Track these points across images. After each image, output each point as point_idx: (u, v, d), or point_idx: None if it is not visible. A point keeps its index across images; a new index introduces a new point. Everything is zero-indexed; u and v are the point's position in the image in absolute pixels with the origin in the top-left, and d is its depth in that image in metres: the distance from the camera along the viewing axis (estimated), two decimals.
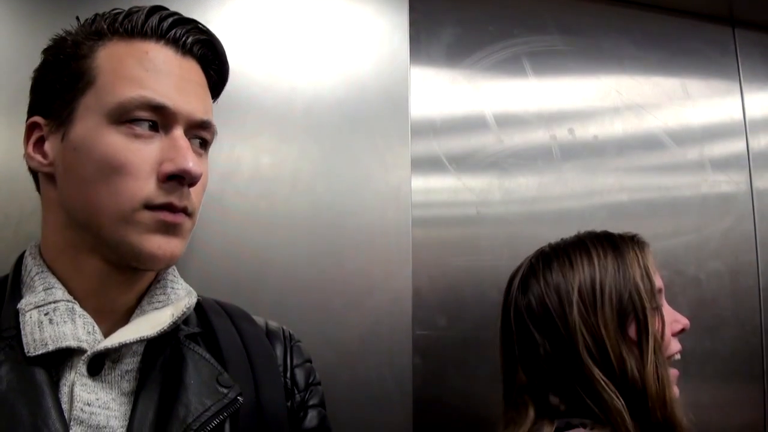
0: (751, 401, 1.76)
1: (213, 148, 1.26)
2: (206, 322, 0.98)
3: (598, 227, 1.66)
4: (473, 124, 1.61)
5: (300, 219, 1.36)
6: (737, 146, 1.93)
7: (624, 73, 1.80)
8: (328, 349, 1.33)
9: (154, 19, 0.89)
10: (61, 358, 0.82)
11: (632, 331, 1.14)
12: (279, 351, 1.05)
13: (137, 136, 0.84)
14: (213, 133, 0.94)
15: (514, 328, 1.23)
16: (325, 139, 1.40)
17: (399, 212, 1.43)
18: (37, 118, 0.89)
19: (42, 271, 0.87)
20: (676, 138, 1.82)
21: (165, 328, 0.87)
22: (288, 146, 1.38)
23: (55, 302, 0.84)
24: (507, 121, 1.64)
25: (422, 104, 1.55)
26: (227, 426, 0.87)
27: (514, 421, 1.18)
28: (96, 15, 0.91)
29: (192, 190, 0.88)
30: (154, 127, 0.85)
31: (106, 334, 0.86)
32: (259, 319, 1.09)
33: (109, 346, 0.82)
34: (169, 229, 0.85)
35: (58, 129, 0.87)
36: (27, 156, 0.90)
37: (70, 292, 0.86)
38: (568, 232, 1.63)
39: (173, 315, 0.89)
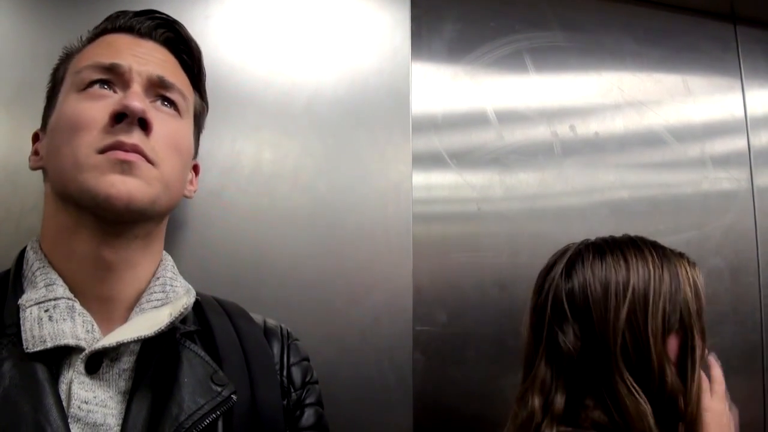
0: (751, 397, 1.77)
1: (213, 144, 1.27)
2: (204, 319, 0.99)
3: (600, 224, 1.68)
4: (474, 119, 1.61)
5: (301, 215, 1.36)
6: (738, 143, 1.93)
7: (625, 70, 1.79)
8: (328, 345, 1.33)
9: (115, 20, 1.00)
10: (59, 356, 0.82)
11: (672, 347, 1.13)
12: (276, 349, 1.06)
13: (92, 96, 0.91)
14: (180, 94, 0.99)
15: (549, 313, 1.19)
16: (327, 134, 1.40)
17: (400, 208, 1.43)
18: (37, 131, 1.01)
19: (43, 266, 0.89)
20: (677, 135, 1.82)
21: (162, 328, 0.87)
22: (289, 142, 1.37)
23: (55, 299, 0.85)
24: (508, 117, 1.64)
25: (423, 100, 1.54)
26: (220, 424, 0.88)
27: (520, 415, 1.18)
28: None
29: (153, 139, 0.91)
30: (111, 88, 0.92)
31: (104, 332, 0.86)
32: (257, 317, 1.10)
33: (107, 345, 0.83)
34: (124, 168, 0.87)
35: (44, 129, 0.97)
36: (29, 160, 0.99)
37: (71, 287, 0.87)
38: (569, 228, 1.65)
39: (171, 314, 0.89)
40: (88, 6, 1.01)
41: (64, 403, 0.80)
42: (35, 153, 0.98)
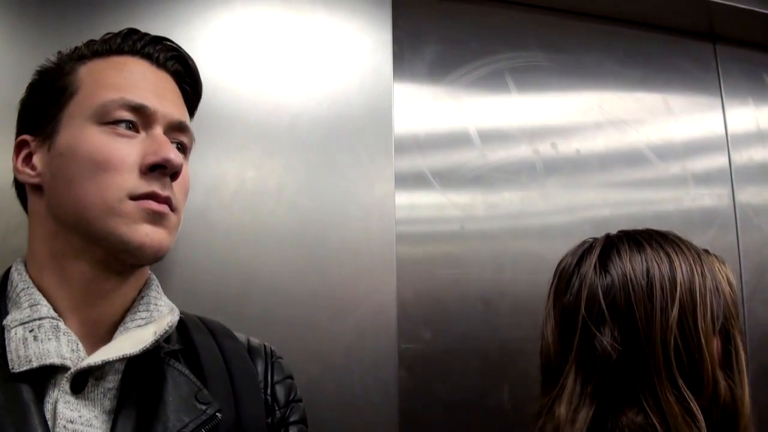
0: None
1: (197, 162, 1.28)
2: (187, 338, 0.99)
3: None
4: (457, 139, 1.63)
5: (285, 232, 1.37)
6: (719, 160, 1.95)
7: (606, 89, 1.82)
8: (313, 362, 1.33)
9: (129, 40, 0.97)
10: (45, 376, 0.82)
11: (717, 350, 1.03)
12: (260, 367, 1.06)
13: (119, 135, 0.89)
14: (191, 139, 1.00)
15: (582, 313, 1.05)
16: (310, 154, 1.41)
17: (383, 226, 1.44)
18: (25, 136, 0.94)
19: (27, 287, 0.88)
20: (658, 153, 1.84)
21: (147, 346, 0.87)
22: (273, 161, 1.39)
23: (40, 319, 0.84)
24: (490, 136, 1.66)
25: (406, 120, 1.56)
26: None
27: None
28: (76, 47, 0.99)
29: (175, 186, 0.92)
30: (135, 128, 0.90)
31: (89, 352, 0.86)
32: (241, 336, 1.10)
33: (92, 364, 0.83)
34: (156, 219, 0.88)
35: (44, 141, 0.91)
36: (16, 170, 0.94)
37: (56, 308, 0.87)
38: (552, 246, 1.66)
39: (156, 333, 0.89)
40: (75, 24, 1.01)
41: (50, 423, 0.79)
42: (29, 165, 0.93)
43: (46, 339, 0.83)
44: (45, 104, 0.93)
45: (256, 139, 1.38)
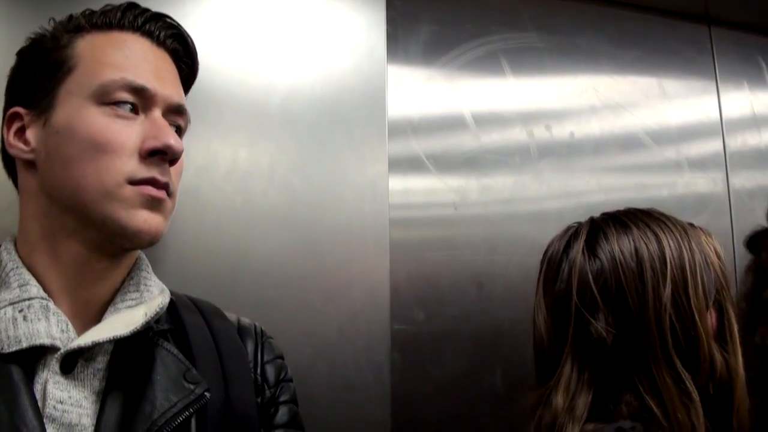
0: None
1: (189, 143, 1.26)
2: (177, 318, 0.99)
3: None
4: (451, 121, 1.62)
5: (277, 213, 1.37)
6: (714, 145, 1.95)
7: (601, 71, 1.81)
8: (305, 344, 1.33)
9: (129, 14, 0.94)
10: (34, 356, 0.82)
11: (711, 325, 1.02)
12: (250, 347, 1.06)
13: (119, 117, 0.87)
14: (187, 121, 0.99)
15: (575, 301, 1.04)
16: (302, 134, 1.41)
17: (376, 208, 1.44)
18: (17, 109, 0.91)
19: (17, 267, 0.88)
20: (653, 136, 1.84)
21: (137, 327, 0.87)
22: (265, 141, 1.38)
23: (29, 299, 0.84)
24: (484, 119, 1.65)
25: (400, 101, 1.55)
26: (194, 422, 0.88)
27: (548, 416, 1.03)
28: (71, 15, 0.95)
29: (171, 170, 0.92)
30: (134, 110, 0.89)
31: (79, 332, 0.86)
32: (232, 316, 1.10)
33: (82, 345, 0.83)
34: (153, 204, 0.88)
35: (39, 116, 0.89)
36: (8, 144, 0.91)
37: (46, 288, 0.87)
38: (546, 229, 1.64)
39: (146, 314, 0.89)
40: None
41: (40, 403, 0.79)
42: (21, 140, 0.90)
43: (36, 319, 0.82)
44: (40, 77, 0.90)
45: (248, 119, 1.37)
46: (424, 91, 1.60)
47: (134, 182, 0.86)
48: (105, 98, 0.87)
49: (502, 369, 1.56)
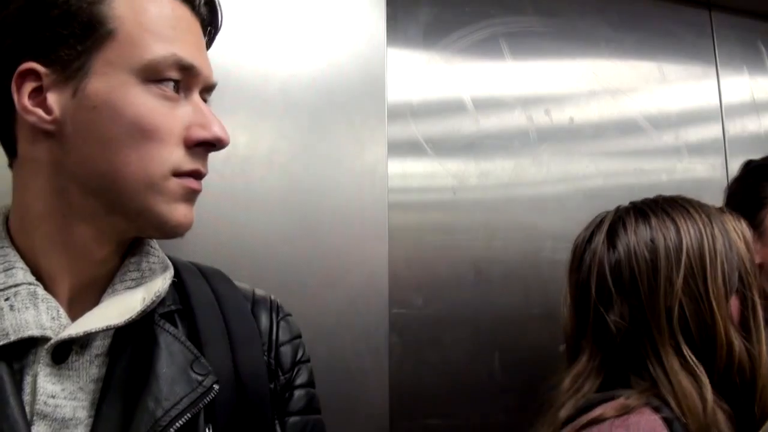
0: None
1: None
2: (183, 293, 0.92)
3: (575, 210, 1.69)
4: (450, 105, 1.62)
5: (276, 197, 1.36)
6: (713, 130, 1.95)
7: (600, 56, 1.81)
8: (304, 328, 1.31)
9: None
10: (24, 348, 0.76)
11: (734, 311, 1.03)
12: (264, 322, 0.98)
13: (167, 98, 0.79)
14: (210, 95, 0.91)
15: (594, 292, 1.07)
16: (302, 118, 1.40)
17: (375, 193, 1.44)
18: (33, 65, 0.77)
19: (2, 247, 0.81)
20: (652, 121, 1.84)
21: (133, 316, 0.80)
22: (264, 126, 1.37)
23: (16, 286, 0.77)
24: (484, 103, 1.64)
25: (399, 85, 1.55)
26: (201, 415, 0.82)
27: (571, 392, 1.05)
28: None
29: None
30: (177, 88, 0.81)
31: (78, 314, 0.80)
32: (246, 286, 1.03)
33: (74, 335, 0.76)
34: (191, 197, 0.83)
35: (66, 82, 0.77)
36: (21, 108, 0.77)
37: (41, 270, 0.80)
38: (544, 214, 1.66)
39: (144, 300, 0.82)
40: None
41: (29, 399, 0.74)
42: (41, 105, 0.77)
43: (24, 308, 0.76)
44: (68, 34, 0.76)
45: (247, 103, 1.37)
46: (423, 74, 1.59)
47: (179, 174, 0.80)
48: (153, 76, 0.78)
49: (499, 353, 1.57)
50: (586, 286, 1.09)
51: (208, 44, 0.93)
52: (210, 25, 0.91)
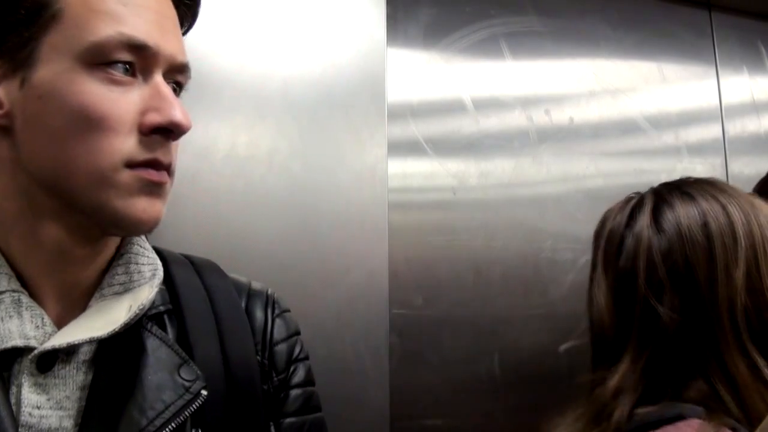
0: None
1: None
2: (174, 295, 0.88)
3: (575, 209, 1.69)
4: (450, 105, 1.62)
5: (276, 197, 1.36)
6: (713, 130, 1.95)
7: (600, 56, 1.81)
8: (304, 328, 1.31)
9: None
10: (9, 357, 0.73)
11: None
12: (258, 317, 0.94)
13: (116, 83, 0.72)
14: (188, 77, 0.83)
15: (642, 281, 0.95)
16: (302, 117, 1.40)
17: (375, 192, 1.44)
18: None
19: None
20: (652, 121, 1.84)
21: (116, 328, 0.76)
22: (264, 125, 1.37)
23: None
24: (484, 103, 1.64)
25: (399, 85, 1.55)
26: (189, 421, 0.79)
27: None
28: None
29: (172, 145, 0.78)
30: (131, 71, 0.74)
31: (65, 320, 0.77)
32: (242, 279, 0.99)
33: (57, 346, 0.73)
34: (153, 190, 0.75)
35: (14, 72, 0.73)
36: None
37: (23, 274, 0.77)
38: (544, 214, 1.66)
39: (130, 308, 0.78)
40: None
41: (15, 408, 0.71)
42: None
43: (7, 317, 0.73)
44: (15, 22, 0.72)
45: (247, 102, 1.36)
46: (423, 74, 1.59)
47: (132, 165, 0.73)
48: (98, 59, 0.71)
49: (499, 354, 1.57)
50: (631, 275, 0.97)
51: (191, 18, 0.88)
52: None
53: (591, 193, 1.72)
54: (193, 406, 0.78)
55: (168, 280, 0.88)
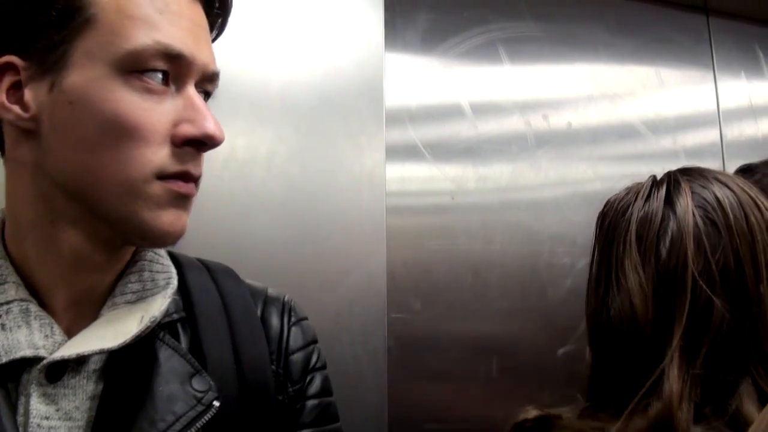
0: None
1: None
2: (188, 302, 0.86)
3: (573, 213, 1.70)
4: (448, 110, 1.62)
5: (274, 202, 1.37)
6: (711, 134, 1.96)
7: (598, 61, 1.81)
8: None
9: None
10: (17, 368, 0.71)
11: None
12: (274, 327, 0.92)
13: (151, 92, 0.71)
14: (216, 85, 0.83)
15: (693, 272, 0.84)
16: (300, 122, 1.41)
17: (374, 197, 1.44)
18: (12, 58, 0.71)
19: None
20: (650, 126, 1.84)
21: (127, 340, 0.74)
22: (263, 130, 1.38)
23: (7, 303, 0.73)
24: (482, 107, 1.65)
25: (397, 90, 1.55)
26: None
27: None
28: None
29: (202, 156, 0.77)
30: (165, 80, 0.72)
31: (72, 329, 0.75)
32: (259, 285, 0.97)
33: (66, 356, 0.71)
34: (181, 202, 0.74)
35: (43, 75, 0.71)
36: (0, 105, 0.72)
37: (35, 281, 0.76)
38: (542, 218, 1.66)
39: (142, 319, 0.76)
40: None
41: (22, 419, 0.70)
42: (18, 101, 0.71)
43: (16, 327, 0.71)
44: (46, 23, 0.70)
45: (246, 107, 1.37)
46: (421, 79, 1.60)
47: (164, 177, 0.72)
48: (134, 66, 0.70)
49: (497, 357, 1.57)
50: (680, 265, 0.86)
51: (220, 26, 0.87)
52: (216, 4, 0.83)
53: (589, 198, 1.73)
54: (205, 417, 0.76)
55: (182, 286, 0.86)
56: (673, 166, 1.80)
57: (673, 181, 0.93)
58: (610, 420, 0.86)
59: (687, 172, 0.94)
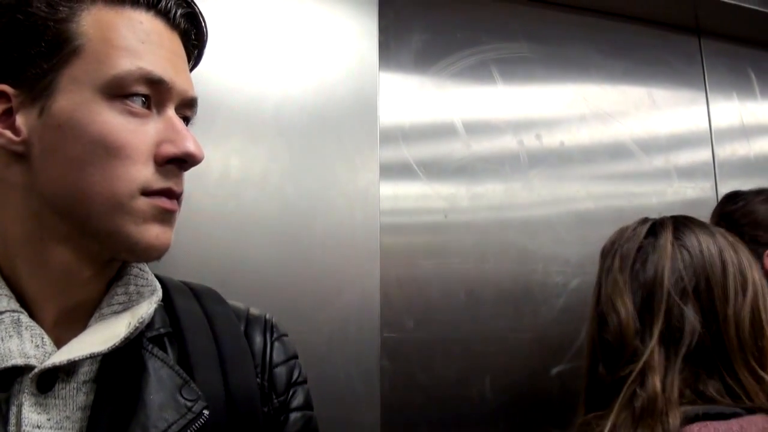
0: None
1: None
2: (174, 318, 0.89)
3: (565, 233, 1.70)
4: (442, 129, 1.63)
5: (268, 220, 1.37)
6: (703, 154, 1.97)
7: (591, 81, 1.83)
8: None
9: None
10: (9, 377, 0.74)
11: None
12: (258, 342, 0.96)
13: (134, 114, 0.76)
14: (195, 111, 0.88)
15: (667, 287, 1.08)
16: (294, 141, 1.41)
17: (367, 215, 1.44)
18: (3, 87, 0.76)
19: None
20: (642, 145, 1.86)
21: (116, 343, 0.77)
22: (257, 148, 1.38)
23: None
24: (475, 127, 1.66)
25: (391, 109, 1.56)
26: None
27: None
28: None
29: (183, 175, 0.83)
30: (147, 104, 0.78)
31: (65, 340, 0.77)
32: (240, 305, 1.01)
33: (57, 363, 0.74)
34: (165, 218, 0.79)
35: (33, 102, 0.75)
36: None
37: (24, 296, 0.78)
38: (535, 237, 1.67)
39: (129, 324, 0.80)
40: None
41: (14, 429, 0.72)
42: (10, 127, 0.76)
43: (7, 337, 0.74)
44: (35, 54, 0.75)
45: (240, 126, 1.38)
46: (415, 99, 1.61)
47: (148, 193, 0.76)
48: (118, 91, 0.75)
49: (491, 376, 1.57)
50: (657, 283, 1.09)
51: (197, 57, 0.92)
52: (192, 37, 0.88)
53: (582, 216, 1.74)
54: (195, 425, 0.79)
55: (168, 306, 0.90)
56: (666, 186, 1.85)
57: (659, 221, 1.16)
58: (605, 416, 1.05)
59: (674, 217, 1.17)
